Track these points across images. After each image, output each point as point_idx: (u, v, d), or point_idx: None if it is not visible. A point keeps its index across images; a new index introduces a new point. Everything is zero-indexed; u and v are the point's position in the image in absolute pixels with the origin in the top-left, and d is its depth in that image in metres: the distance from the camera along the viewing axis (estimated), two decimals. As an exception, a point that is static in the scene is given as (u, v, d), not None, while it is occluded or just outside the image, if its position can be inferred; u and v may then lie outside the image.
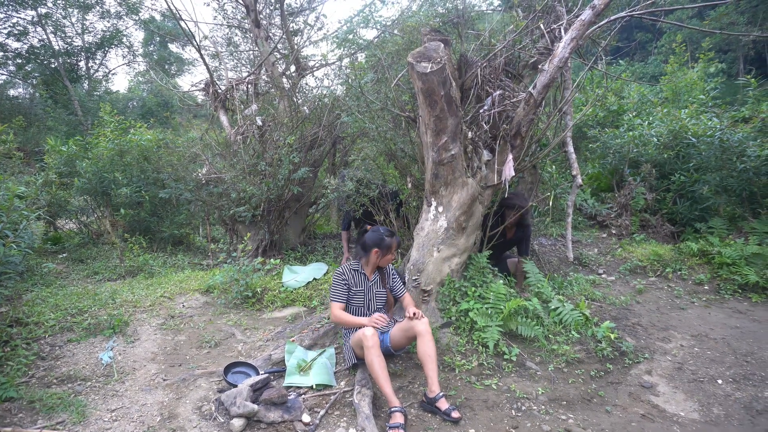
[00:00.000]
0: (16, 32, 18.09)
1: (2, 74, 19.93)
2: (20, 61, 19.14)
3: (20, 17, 18.09)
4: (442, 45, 3.84)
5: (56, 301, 4.92)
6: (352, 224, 6.52)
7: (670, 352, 4.18)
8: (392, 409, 3.11)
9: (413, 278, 4.22)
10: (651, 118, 8.40)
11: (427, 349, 3.33)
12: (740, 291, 5.46)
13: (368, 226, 5.75)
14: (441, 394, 3.24)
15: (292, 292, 5.33)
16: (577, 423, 3.20)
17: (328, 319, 4.51)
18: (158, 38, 25.61)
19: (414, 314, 3.43)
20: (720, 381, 3.75)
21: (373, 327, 3.36)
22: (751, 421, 3.24)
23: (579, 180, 5.20)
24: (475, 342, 3.94)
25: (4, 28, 17.85)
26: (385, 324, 3.45)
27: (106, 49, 22.47)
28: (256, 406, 3.11)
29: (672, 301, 5.32)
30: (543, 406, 3.38)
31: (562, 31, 4.30)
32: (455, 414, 3.15)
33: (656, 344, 4.33)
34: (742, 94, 8.15)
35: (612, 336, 4.10)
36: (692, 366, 3.98)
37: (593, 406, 3.43)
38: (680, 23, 5.53)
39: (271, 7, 8.95)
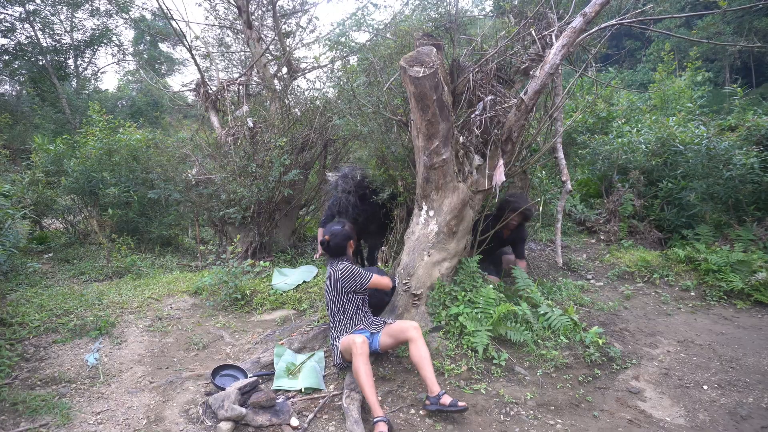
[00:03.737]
0: (3, 28, 17.85)
1: (-11, 71, 19.69)
2: (7, 57, 18.89)
3: (7, 13, 17.87)
4: (435, 50, 3.86)
5: (41, 301, 4.85)
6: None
7: (657, 358, 4.22)
8: (376, 419, 3.06)
9: (403, 282, 4.22)
10: (639, 126, 8.50)
11: (421, 353, 3.36)
12: (725, 297, 5.52)
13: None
14: (443, 392, 3.25)
15: (281, 294, 5.30)
16: (565, 428, 3.22)
17: (318, 322, 4.50)
18: (148, 37, 25.42)
19: None
20: (705, 387, 3.79)
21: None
22: (736, 427, 3.28)
23: (568, 186, 5.25)
24: (465, 346, 3.95)
25: (-8, 24, 17.64)
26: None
27: (96, 47, 22.25)
28: (244, 410, 3.09)
29: (659, 307, 5.37)
30: (531, 411, 3.39)
31: (553, 37, 4.34)
32: (461, 403, 3.18)
33: (643, 350, 4.36)
34: (729, 103, 8.26)
35: (600, 341, 4.13)
36: (678, 372, 4.01)
37: (581, 411, 3.44)
38: (669, 32, 5.61)
39: (264, 9, 8.94)
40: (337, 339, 3.72)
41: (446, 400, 3.20)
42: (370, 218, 5.27)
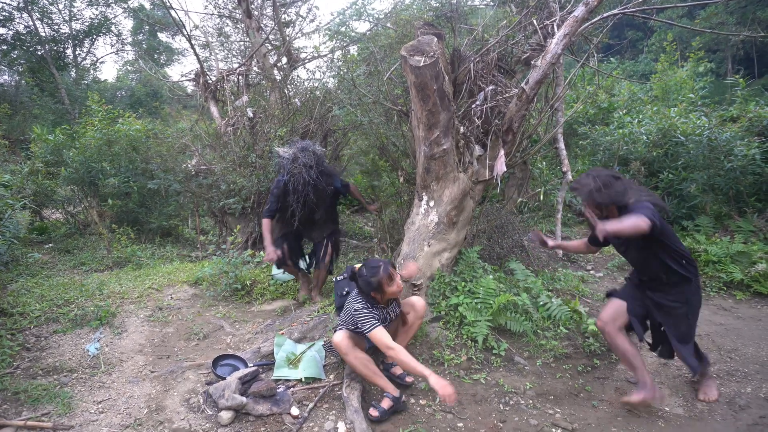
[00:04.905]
0: (2, 18, 17.74)
1: (-13, 61, 19.60)
2: (5, 47, 18.79)
3: (5, 2, 17.76)
4: (436, 39, 3.83)
5: (42, 291, 4.86)
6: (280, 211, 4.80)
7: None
8: (385, 395, 3.17)
9: (404, 273, 4.22)
10: (641, 116, 8.48)
11: (410, 324, 3.48)
12: (725, 288, 5.53)
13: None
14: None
15: (281, 284, 5.31)
16: (564, 417, 3.23)
17: (318, 312, 4.50)
18: (147, 27, 25.29)
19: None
20: (704, 377, 3.80)
21: (446, 395, 2.71)
22: (734, 416, 3.29)
23: (569, 176, 5.24)
24: (465, 336, 3.96)
25: (-11, 13, 17.53)
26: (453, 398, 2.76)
27: (94, 37, 22.16)
28: (244, 399, 3.10)
29: (658, 298, 5.37)
30: (531, 401, 3.41)
31: (555, 27, 4.31)
32: (408, 379, 3.45)
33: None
34: (731, 94, 8.24)
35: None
36: (677, 362, 4.02)
37: (580, 401, 3.46)
38: (671, 22, 5.56)
39: (263, -2, 8.87)
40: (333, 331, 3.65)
41: (397, 371, 3.49)
42: (319, 203, 4.61)
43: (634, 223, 2.71)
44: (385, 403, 3.11)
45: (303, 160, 4.43)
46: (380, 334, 3.02)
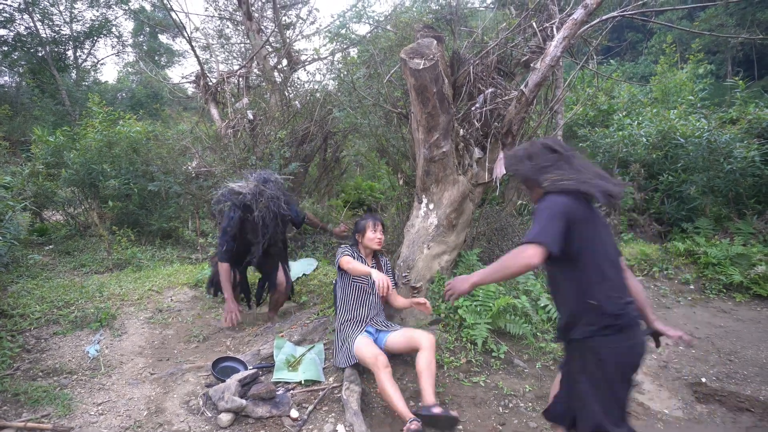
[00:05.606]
0: (2, 19, 17.75)
1: (-12, 62, 19.62)
2: (6, 48, 18.80)
3: (6, 4, 17.77)
4: (435, 42, 3.84)
5: (42, 293, 4.86)
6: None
7: (656, 351, 4.23)
8: (411, 420, 2.92)
9: (403, 275, 4.23)
10: (640, 118, 8.48)
11: (428, 363, 3.19)
12: (725, 291, 5.54)
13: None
14: (437, 403, 3.11)
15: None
16: (563, 420, 3.23)
17: (317, 314, 4.51)
18: (148, 29, 25.32)
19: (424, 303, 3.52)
20: (704, 379, 3.80)
21: (379, 283, 3.13)
22: (733, 420, 3.30)
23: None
24: (464, 339, 3.96)
25: (-10, 14, 17.55)
26: (387, 289, 3.16)
27: (95, 38, 22.17)
28: (244, 401, 3.10)
29: (658, 300, 5.38)
30: (530, 403, 3.41)
31: (554, 29, 4.31)
32: (453, 412, 3.05)
33: (642, 342, 4.37)
34: (730, 96, 8.26)
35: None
36: (677, 364, 4.03)
37: (579, 403, 3.46)
38: (670, 24, 5.57)
39: (264, 0, 8.90)
40: (346, 341, 3.56)
41: (437, 410, 3.04)
42: (279, 235, 4.26)
43: (516, 259, 1.88)
44: (416, 426, 2.87)
45: (269, 192, 3.99)
46: (347, 258, 3.54)
